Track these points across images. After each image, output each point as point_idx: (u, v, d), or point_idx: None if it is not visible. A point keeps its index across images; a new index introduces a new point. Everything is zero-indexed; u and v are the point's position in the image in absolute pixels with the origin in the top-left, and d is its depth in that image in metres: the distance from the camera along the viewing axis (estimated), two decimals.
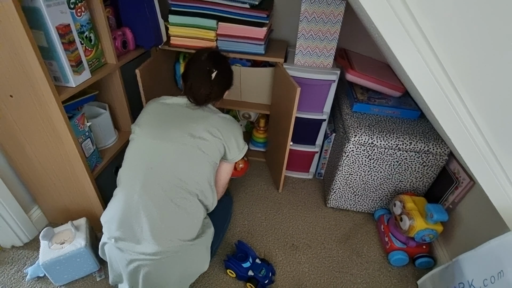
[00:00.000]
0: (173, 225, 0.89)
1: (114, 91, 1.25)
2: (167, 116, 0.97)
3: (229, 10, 1.24)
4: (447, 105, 0.78)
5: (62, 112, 0.93)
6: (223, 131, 0.97)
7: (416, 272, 1.22)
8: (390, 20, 0.71)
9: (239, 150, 1.04)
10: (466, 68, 0.73)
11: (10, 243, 1.22)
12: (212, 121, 0.96)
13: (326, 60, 1.34)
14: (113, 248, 0.89)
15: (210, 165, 0.97)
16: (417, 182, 1.30)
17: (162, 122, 0.95)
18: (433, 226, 1.11)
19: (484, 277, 0.83)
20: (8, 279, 1.11)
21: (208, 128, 0.94)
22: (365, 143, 1.21)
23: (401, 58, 0.76)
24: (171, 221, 0.88)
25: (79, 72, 0.98)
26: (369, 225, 1.42)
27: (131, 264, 0.87)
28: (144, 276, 0.88)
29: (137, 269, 0.88)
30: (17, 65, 0.83)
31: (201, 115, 0.97)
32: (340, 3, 1.18)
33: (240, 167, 1.46)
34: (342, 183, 1.36)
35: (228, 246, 1.27)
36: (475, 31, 0.69)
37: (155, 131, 0.94)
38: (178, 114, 0.97)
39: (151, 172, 0.90)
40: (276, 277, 1.17)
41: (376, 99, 1.34)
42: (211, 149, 0.95)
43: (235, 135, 1.01)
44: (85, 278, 1.13)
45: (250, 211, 1.45)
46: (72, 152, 1.02)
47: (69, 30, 0.91)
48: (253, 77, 1.51)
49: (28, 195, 1.23)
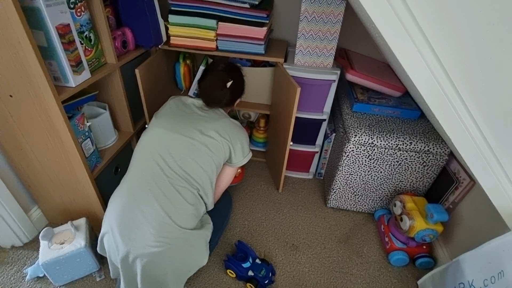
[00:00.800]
0: (174, 212, 0.91)
1: (114, 91, 1.25)
2: (183, 113, 1.05)
3: (229, 10, 1.24)
4: (447, 105, 0.78)
5: (62, 112, 0.93)
6: (231, 134, 1.04)
7: (416, 272, 1.22)
8: (390, 19, 0.71)
9: (244, 155, 1.10)
10: (467, 67, 0.73)
11: (10, 243, 1.21)
12: (222, 123, 1.04)
13: (326, 60, 1.34)
14: (111, 239, 0.90)
15: (214, 164, 1.01)
16: (417, 182, 1.30)
17: (176, 117, 1.04)
18: (433, 226, 1.10)
19: (484, 277, 0.83)
20: (8, 279, 1.11)
21: (217, 129, 1.01)
22: (365, 143, 1.21)
23: (401, 58, 0.76)
24: (172, 207, 0.91)
25: (79, 72, 0.98)
26: (369, 225, 1.42)
27: (130, 254, 0.87)
28: (143, 267, 0.88)
29: (135, 260, 0.88)
30: (17, 65, 0.83)
31: (213, 116, 1.05)
32: (340, 3, 1.18)
33: (238, 172, 1.47)
34: (342, 183, 1.36)
35: (228, 246, 1.27)
36: (475, 31, 0.69)
37: (169, 123, 1.02)
38: (192, 112, 1.05)
39: (160, 160, 0.95)
40: (276, 277, 1.17)
41: (376, 99, 1.34)
42: (217, 148, 1.01)
43: (241, 140, 1.08)
44: (85, 278, 1.12)
45: (250, 211, 1.45)
46: (72, 152, 1.02)
47: (69, 30, 0.91)
48: (253, 77, 1.50)
49: (28, 195, 1.23)
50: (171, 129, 0.99)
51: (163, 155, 0.95)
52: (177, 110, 1.06)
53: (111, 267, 0.99)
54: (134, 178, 0.96)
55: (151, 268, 0.88)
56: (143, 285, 0.90)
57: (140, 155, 0.99)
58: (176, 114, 1.05)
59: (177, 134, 0.98)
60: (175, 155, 0.96)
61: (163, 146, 0.97)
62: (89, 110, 1.22)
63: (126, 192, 0.93)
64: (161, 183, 0.92)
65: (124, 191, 0.94)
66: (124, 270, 0.91)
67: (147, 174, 0.94)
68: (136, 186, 0.93)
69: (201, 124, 1.00)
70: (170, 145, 0.97)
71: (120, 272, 0.92)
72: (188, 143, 0.97)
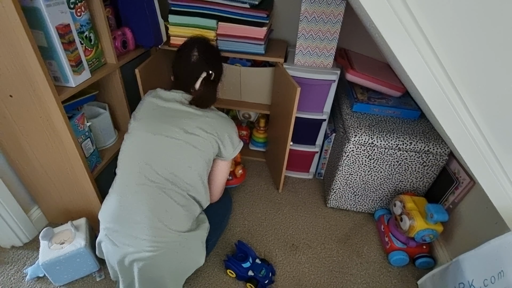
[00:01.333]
0: (166, 217, 0.90)
1: (114, 91, 1.25)
2: (162, 111, 0.98)
3: (229, 10, 1.24)
4: (447, 105, 0.78)
5: (62, 112, 0.93)
6: (218, 128, 0.99)
7: (416, 272, 1.22)
8: (390, 19, 0.71)
9: (234, 147, 1.05)
10: (467, 67, 0.73)
11: (10, 243, 1.21)
12: (206, 118, 0.98)
13: (326, 60, 1.34)
14: (108, 242, 0.90)
15: (203, 161, 0.98)
16: (417, 182, 1.30)
17: (157, 117, 0.97)
18: (433, 226, 1.10)
19: (484, 277, 0.83)
20: (8, 279, 1.11)
21: (201, 125, 0.96)
22: (365, 143, 1.21)
23: (401, 58, 0.76)
24: (163, 212, 0.90)
25: (79, 72, 0.98)
26: (369, 225, 1.42)
27: (126, 258, 0.88)
28: (140, 270, 0.88)
29: (132, 264, 0.88)
30: (17, 65, 0.83)
31: (195, 112, 0.98)
32: (340, 3, 1.18)
33: (240, 173, 1.47)
34: (342, 183, 1.36)
35: (228, 246, 1.27)
36: (475, 31, 0.69)
37: (150, 125, 0.95)
38: (173, 109, 0.98)
39: (146, 167, 0.92)
40: (276, 277, 1.17)
41: (376, 99, 1.34)
42: (204, 145, 0.97)
43: (229, 132, 1.03)
44: (85, 278, 1.12)
45: (250, 211, 1.45)
46: (72, 152, 1.02)
47: (69, 30, 0.91)
48: (253, 77, 1.51)
49: (27, 195, 1.23)
50: (153, 132, 0.94)
51: (148, 161, 0.92)
52: (156, 108, 0.99)
53: (110, 270, 0.99)
54: (122, 188, 0.93)
55: (148, 271, 0.89)
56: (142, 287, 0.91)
57: (125, 165, 0.95)
58: (156, 114, 0.97)
59: (160, 136, 0.93)
60: (161, 159, 0.93)
61: (147, 152, 0.93)
62: (89, 110, 1.22)
63: (116, 202, 0.92)
64: (150, 190, 0.90)
65: (113, 201, 0.92)
66: (122, 273, 0.92)
67: (134, 183, 0.91)
68: (125, 195, 0.91)
69: (184, 122, 0.95)
70: (154, 149, 0.93)
71: (119, 275, 0.93)
72: (173, 144, 0.93)
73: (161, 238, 0.88)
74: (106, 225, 0.91)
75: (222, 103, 1.59)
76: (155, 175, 0.91)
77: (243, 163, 1.60)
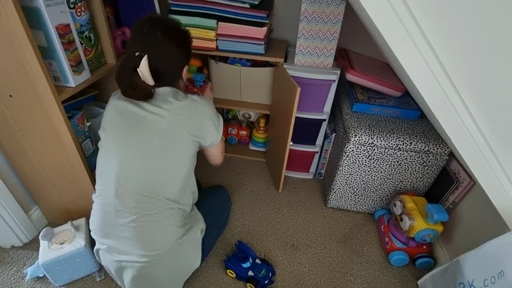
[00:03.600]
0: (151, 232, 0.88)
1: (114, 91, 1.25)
2: (131, 115, 0.86)
3: (229, 10, 1.24)
4: (448, 105, 0.78)
5: (62, 112, 0.93)
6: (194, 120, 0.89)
7: (416, 272, 1.22)
8: (390, 19, 0.71)
9: (217, 130, 0.95)
10: (467, 67, 0.73)
11: (10, 243, 1.21)
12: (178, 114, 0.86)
13: (326, 60, 1.34)
14: (104, 252, 0.92)
15: (186, 158, 0.90)
16: (418, 182, 1.30)
17: (126, 125, 0.86)
18: (434, 226, 1.10)
19: (485, 277, 0.83)
20: (8, 279, 1.11)
21: (175, 125, 0.86)
22: (365, 143, 1.21)
23: (401, 58, 0.76)
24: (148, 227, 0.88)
25: (78, 72, 0.98)
26: (369, 225, 1.42)
27: (121, 267, 0.90)
28: (134, 278, 0.89)
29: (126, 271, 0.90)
30: (17, 65, 0.83)
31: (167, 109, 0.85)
32: (340, 3, 1.18)
33: None
34: (342, 183, 1.36)
35: (228, 246, 1.27)
36: (475, 31, 0.69)
37: (118, 137, 0.87)
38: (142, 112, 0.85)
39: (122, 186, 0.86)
40: (276, 277, 1.17)
41: (376, 99, 1.34)
42: (182, 145, 0.89)
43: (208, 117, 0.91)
44: (84, 278, 1.12)
45: (250, 211, 1.45)
46: (72, 152, 1.02)
47: (68, 30, 0.91)
48: (253, 77, 1.51)
49: (27, 195, 1.23)
50: (124, 143, 0.86)
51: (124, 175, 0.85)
52: (124, 114, 0.87)
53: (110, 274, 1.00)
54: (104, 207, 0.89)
55: (143, 279, 0.90)
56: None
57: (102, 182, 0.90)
58: (125, 122, 0.86)
59: (132, 147, 0.85)
60: (136, 172, 0.86)
61: (121, 168, 0.85)
62: (89, 110, 1.22)
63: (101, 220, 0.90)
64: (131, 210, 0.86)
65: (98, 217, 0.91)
66: (120, 280, 0.94)
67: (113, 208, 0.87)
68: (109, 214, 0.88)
69: (156, 126, 0.84)
70: (127, 164, 0.85)
71: (117, 281, 0.96)
72: (148, 153, 0.85)
73: (151, 252, 0.88)
74: (99, 239, 0.92)
75: (222, 103, 1.59)
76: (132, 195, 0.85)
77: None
